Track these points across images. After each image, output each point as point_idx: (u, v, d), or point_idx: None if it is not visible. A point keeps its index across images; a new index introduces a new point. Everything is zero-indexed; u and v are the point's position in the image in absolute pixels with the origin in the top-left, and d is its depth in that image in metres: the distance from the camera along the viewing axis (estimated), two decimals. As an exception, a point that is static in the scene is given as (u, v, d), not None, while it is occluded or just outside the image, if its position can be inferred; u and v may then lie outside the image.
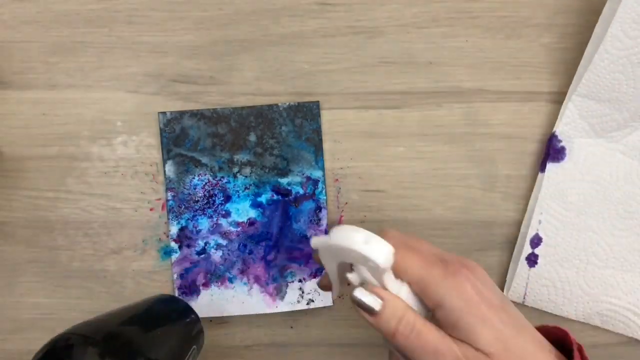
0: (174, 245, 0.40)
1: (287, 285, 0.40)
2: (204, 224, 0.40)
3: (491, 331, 0.26)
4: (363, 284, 0.28)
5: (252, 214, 0.40)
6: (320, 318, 0.40)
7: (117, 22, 0.40)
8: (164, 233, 0.40)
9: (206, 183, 0.40)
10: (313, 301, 0.40)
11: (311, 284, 0.40)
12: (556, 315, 0.40)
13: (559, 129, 0.39)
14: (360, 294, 0.27)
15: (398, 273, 0.28)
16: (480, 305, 0.26)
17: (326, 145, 0.40)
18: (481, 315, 0.26)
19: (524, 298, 0.40)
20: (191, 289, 0.40)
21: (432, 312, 0.27)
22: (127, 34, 0.40)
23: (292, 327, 0.40)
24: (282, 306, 0.40)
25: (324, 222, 0.40)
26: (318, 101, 0.40)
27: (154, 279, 0.40)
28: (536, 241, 0.39)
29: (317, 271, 0.40)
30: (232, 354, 0.41)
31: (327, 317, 0.40)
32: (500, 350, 0.25)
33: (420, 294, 0.27)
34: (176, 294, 0.40)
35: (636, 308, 0.39)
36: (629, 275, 0.39)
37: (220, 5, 0.40)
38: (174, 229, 0.40)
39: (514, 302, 0.39)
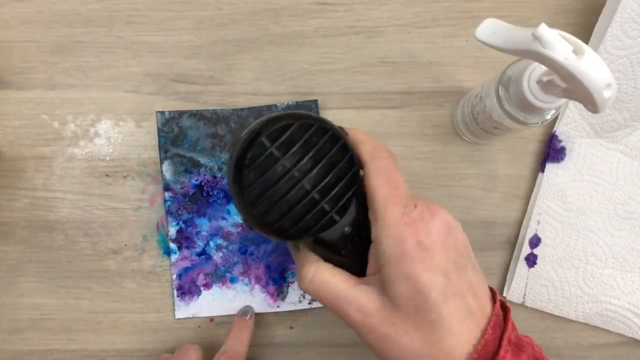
0: (173, 246, 0.40)
1: (288, 286, 0.40)
2: (204, 225, 0.40)
3: (409, 289, 0.24)
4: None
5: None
6: (320, 318, 0.40)
7: (117, 22, 0.40)
8: (164, 233, 0.40)
9: (206, 184, 0.40)
10: (315, 300, 0.40)
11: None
12: (556, 316, 0.40)
13: (559, 129, 0.39)
14: None
15: (368, 188, 0.26)
16: (415, 263, 0.24)
17: (326, 145, 0.40)
18: (407, 272, 0.24)
19: (524, 298, 0.40)
20: (190, 289, 0.40)
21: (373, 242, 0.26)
22: (126, 33, 0.40)
23: (292, 327, 0.41)
24: (284, 306, 0.40)
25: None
26: (316, 100, 0.40)
27: (153, 279, 0.40)
28: (535, 241, 0.39)
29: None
30: (232, 354, 0.41)
31: (327, 317, 0.40)
32: (410, 309, 0.24)
33: (371, 220, 0.26)
34: (175, 294, 0.40)
35: (636, 308, 0.39)
36: (628, 276, 0.39)
37: (220, 5, 0.40)
38: (173, 230, 0.40)
39: (513, 303, 0.40)
